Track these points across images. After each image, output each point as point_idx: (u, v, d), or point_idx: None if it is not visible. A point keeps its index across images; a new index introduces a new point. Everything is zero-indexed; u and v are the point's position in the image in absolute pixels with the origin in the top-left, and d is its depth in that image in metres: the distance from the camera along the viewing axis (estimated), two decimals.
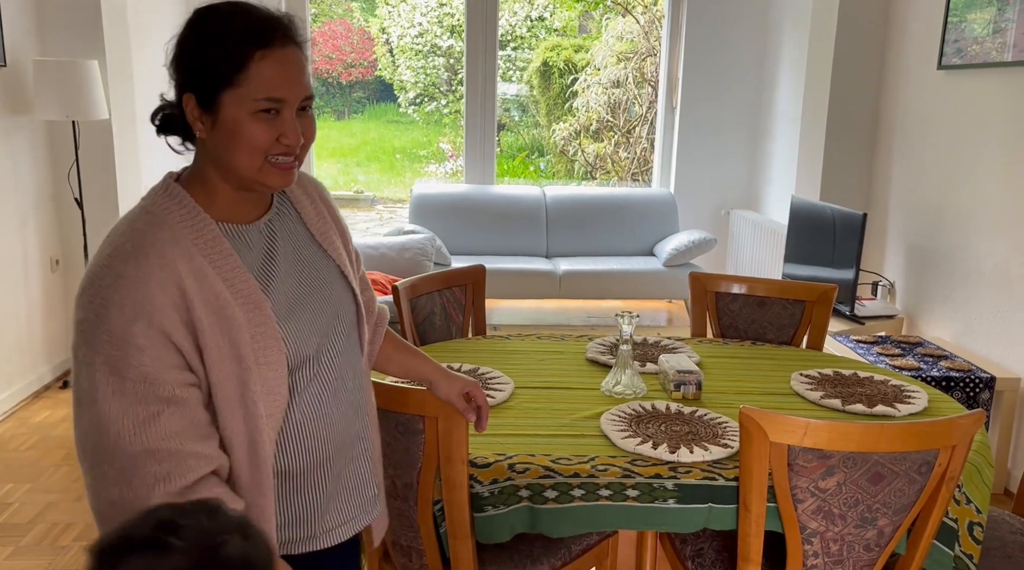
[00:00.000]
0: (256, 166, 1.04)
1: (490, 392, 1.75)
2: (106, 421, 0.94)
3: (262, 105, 1.01)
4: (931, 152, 3.40)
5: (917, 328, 3.46)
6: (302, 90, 1.04)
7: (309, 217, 1.18)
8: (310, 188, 1.22)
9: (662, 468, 1.45)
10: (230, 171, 1.04)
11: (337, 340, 1.15)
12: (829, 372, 1.95)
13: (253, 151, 1.02)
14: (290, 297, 1.09)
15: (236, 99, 1.01)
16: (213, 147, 1.04)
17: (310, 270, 1.14)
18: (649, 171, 6.54)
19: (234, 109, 1.01)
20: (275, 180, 1.06)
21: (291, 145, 1.04)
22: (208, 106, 1.02)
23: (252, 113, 1.01)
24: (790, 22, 4.66)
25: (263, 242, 1.10)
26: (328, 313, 1.14)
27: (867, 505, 1.36)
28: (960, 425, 1.32)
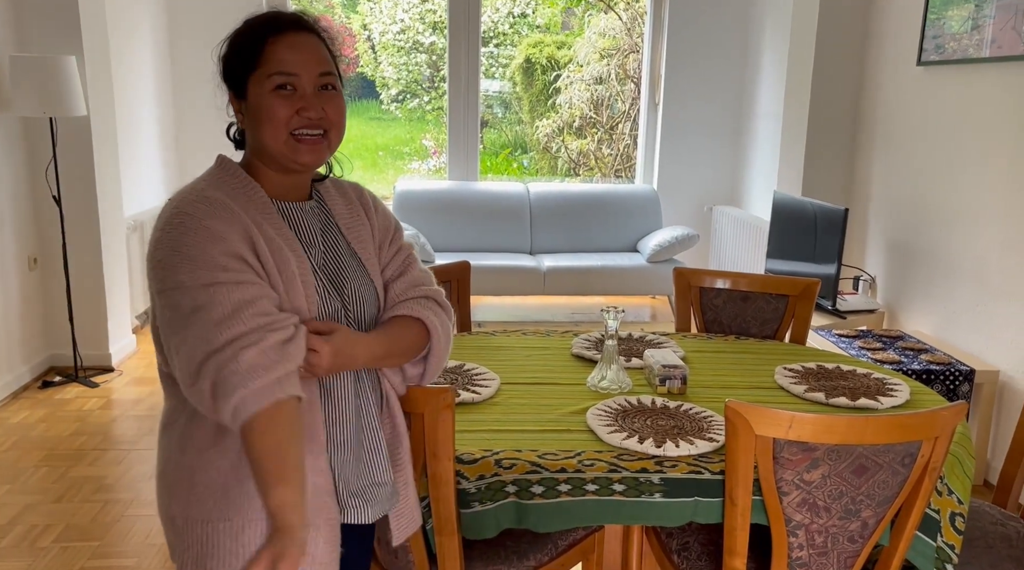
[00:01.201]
0: (282, 139, 1.14)
1: (476, 388, 1.74)
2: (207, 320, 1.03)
3: (276, 80, 1.13)
4: (911, 148, 3.44)
5: (898, 322, 3.49)
6: (317, 65, 1.15)
7: (341, 215, 1.27)
8: (349, 190, 1.32)
9: (648, 462, 1.45)
10: (264, 151, 1.16)
11: (359, 321, 1.23)
12: (813, 366, 1.96)
13: (276, 125, 1.13)
14: (328, 267, 1.22)
15: (257, 80, 1.14)
16: (250, 132, 1.18)
17: (336, 260, 1.24)
18: (632, 167, 6.57)
19: (256, 89, 1.14)
20: (304, 155, 1.15)
21: (312, 117, 1.14)
22: (240, 94, 1.16)
23: (271, 90, 1.13)
24: (772, 18, 4.69)
25: (304, 220, 1.22)
26: (346, 301, 1.22)
27: (851, 497, 1.37)
28: (942, 417, 1.34)
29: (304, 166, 1.17)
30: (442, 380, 1.79)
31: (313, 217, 1.24)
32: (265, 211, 1.16)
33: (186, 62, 4.65)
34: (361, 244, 1.28)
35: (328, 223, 1.27)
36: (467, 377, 1.81)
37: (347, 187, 1.33)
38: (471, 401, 1.69)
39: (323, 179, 1.31)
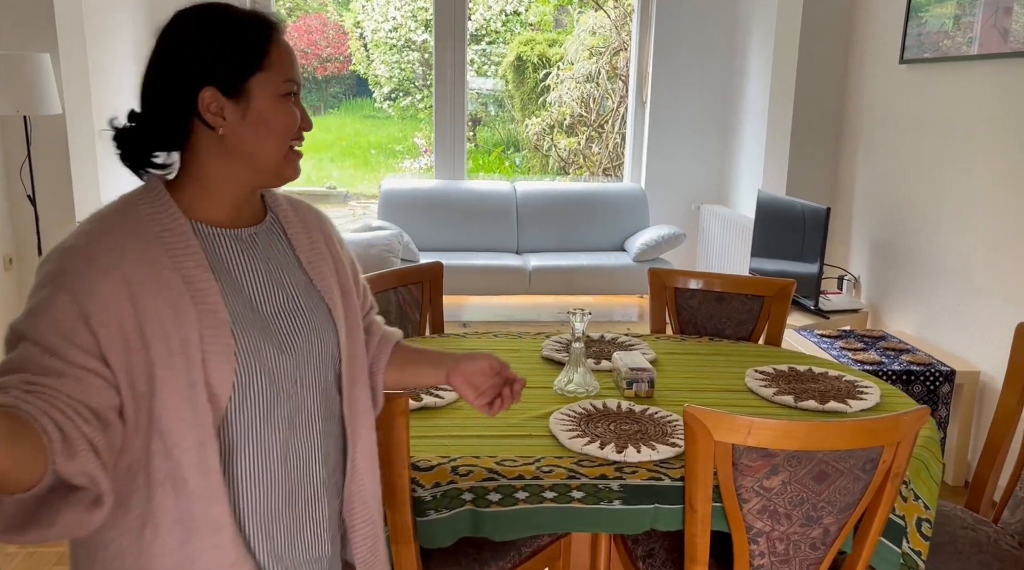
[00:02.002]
0: (283, 153, 1.04)
1: (438, 393, 1.72)
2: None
3: (286, 88, 1.02)
4: (894, 146, 3.41)
5: (881, 322, 3.47)
6: (300, 75, 1.07)
7: (299, 244, 1.13)
8: (310, 218, 1.18)
9: (608, 468, 1.43)
10: (254, 163, 1.03)
11: (306, 373, 1.07)
12: (784, 368, 1.94)
13: (283, 136, 1.03)
14: (255, 313, 1.03)
15: (265, 83, 1.01)
16: (239, 139, 1.01)
17: (289, 295, 1.08)
18: (621, 166, 6.54)
19: (265, 94, 1.01)
20: (293, 169, 1.06)
21: (306, 128, 1.06)
22: (235, 95, 1.00)
23: (280, 97, 1.02)
24: (758, 16, 4.66)
25: (239, 249, 1.05)
26: (299, 343, 1.06)
27: (812, 504, 1.34)
28: (904, 422, 1.31)
29: (284, 182, 1.07)
30: None
31: (252, 248, 1.07)
32: (179, 243, 0.98)
33: None
34: (320, 276, 1.12)
35: (282, 253, 1.11)
36: None
37: (304, 209, 1.18)
38: (433, 406, 1.66)
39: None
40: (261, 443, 1.02)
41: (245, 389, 1.00)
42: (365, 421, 1.17)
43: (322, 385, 1.09)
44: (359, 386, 1.17)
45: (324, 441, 1.10)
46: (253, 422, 1.02)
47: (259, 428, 1.02)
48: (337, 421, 1.14)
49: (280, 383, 1.03)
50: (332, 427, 1.12)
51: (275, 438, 1.03)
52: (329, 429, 1.11)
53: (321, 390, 1.09)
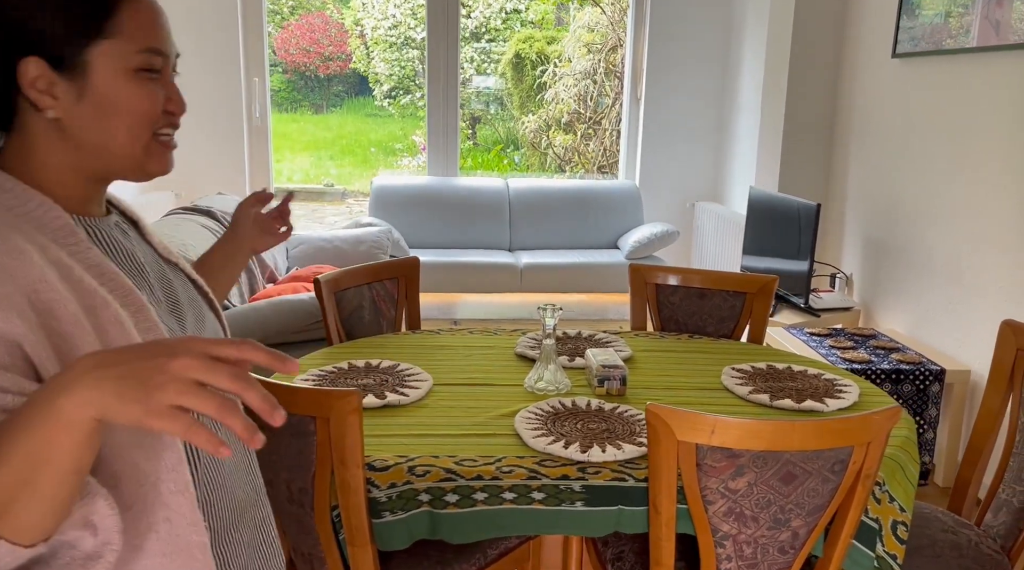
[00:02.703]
0: (142, 143, 0.83)
1: (404, 390, 1.67)
2: None
3: (142, 60, 0.81)
4: (886, 142, 3.36)
5: (873, 320, 3.42)
6: (173, 44, 0.86)
7: (149, 231, 0.96)
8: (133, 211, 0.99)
9: (570, 469, 1.38)
10: (102, 154, 0.82)
11: None
12: (762, 366, 1.89)
13: (139, 122, 0.82)
14: (161, 306, 0.87)
15: (109, 54, 0.79)
16: (77, 125, 0.80)
17: (178, 288, 0.93)
18: (617, 163, 6.49)
19: (108, 69, 0.79)
20: (160, 163, 0.86)
21: (177, 112, 0.86)
22: (69, 69, 0.78)
23: (132, 71, 0.80)
24: (752, 11, 4.61)
25: (115, 239, 0.87)
26: (199, 331, 0.93)
27: (780, 506, 1.29)
28: (874, 421, 1.26)
29: (149, 177, 0.86)
30: (371, 381, 1.72)
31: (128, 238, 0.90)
32: (66, 238, 0.78)
33: None
34: (184, 265, 0.98)
35: (138, 242, 0.93)
36: (398, 378, 1.74)
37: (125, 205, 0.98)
38: (397, 404, 1.62)
39: None
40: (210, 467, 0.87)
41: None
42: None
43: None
44: None
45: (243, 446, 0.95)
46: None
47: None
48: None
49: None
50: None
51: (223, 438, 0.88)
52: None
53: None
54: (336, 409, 1.29)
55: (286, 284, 3.38)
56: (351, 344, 2.01)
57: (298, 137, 12.10)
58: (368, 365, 1.82)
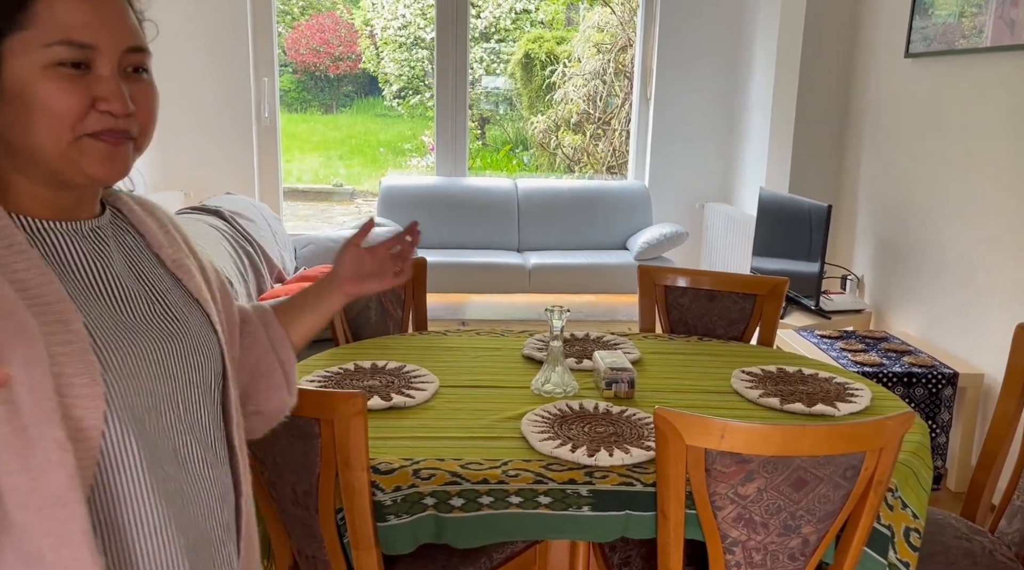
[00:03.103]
0: (64, 142, 0.75)
1: (410, 392, 1.66)
2: None
3: (58, 53, 0.73)
4: (898, 143, 3.32)
5: (885, 323, 3.38)
6: (124, 36, 0.77)
7: (157, 240, 0.90)
8: (160, 214, 0.95)
9: (577, 473, 1.36)
10: (29, 157, 0.76)
11: (190, 393, 0.86)
12: (772, 369, 1.86)
13: (57, 122, 0.74)
14: (118, 323, 0.80)
15: (22, 47, 0.73)
16: (4, 127, 0.76)
17: (159, 299, 0.86)
18: (626, 164, 6.47)
19: (21, 62, 0.73)
20: (98, 166, 0.77)
21: (114, 112, 0.76)
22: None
23: (46, 66, 0.74)
24: (763, 11, 4.58)
25: (85, 244, 0.82)
26: (176, 356, 0.85)
27: (790, 512, 1.27)
28: (887, 426, 1.24)
29: (94, 182, 0.79)
30: (377, 383, 1.71)
31: (100, 243, 0.84)
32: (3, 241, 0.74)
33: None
34: (188, 276, 0.91)
35: (135, 250, 0.88)
36: (404, 380, 1.73)
37: (151, 206, 0.95)
38: (402, 405, 1.61)
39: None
40: (149, 488, 0.79)
41: (121, 419, 0.77)
42: (245, 448, 0.97)
43: (208, 405, 0.89)
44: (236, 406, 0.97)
45: (215, 474, 0.88)
46: (135, 462, 0.78)
47: (144, 468, 0.79)
48: (224, 447, 0.92)
49: (162, 407, 0.82)
50: (221, 455, 0.91)
51: (165, 479, 0.81)
52: (219, 457, 0.90)
53: (208, 412, 0.89)
54: (340, 411, 1.27)
55: (294, 284, 3.38)
56: (357, 345, 2.00)
57: (308, 137, 12.13)
58: (374, 366, 1.81)
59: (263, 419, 1.07)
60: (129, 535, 0.78)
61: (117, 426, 0.76)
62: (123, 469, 0.77)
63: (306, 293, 1.13)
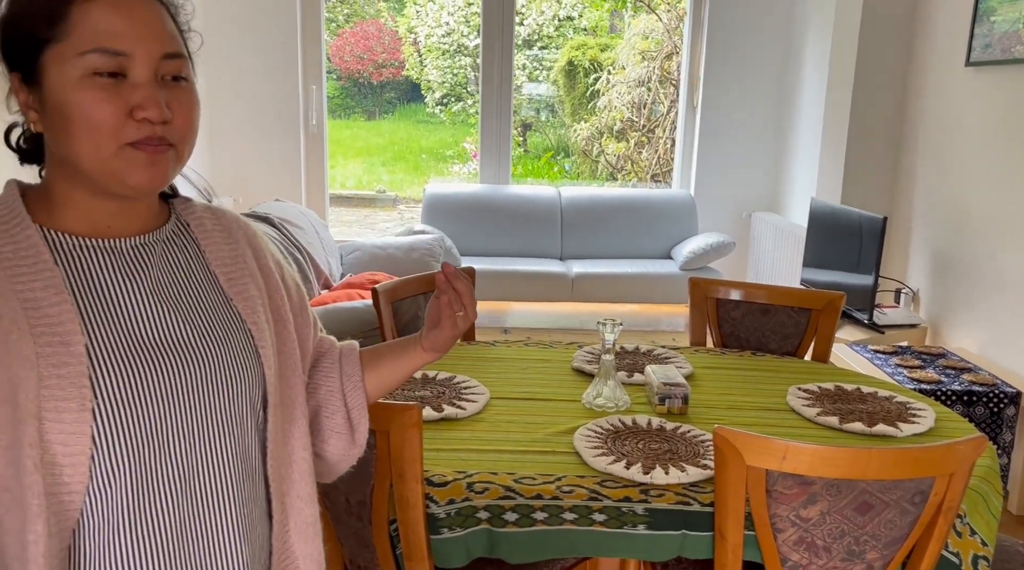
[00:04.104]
0: (105, 153, 0.75)
1: (461, 403, 1.65)
2: None
3: (93, 61, 0.74)
4: (958, 153, 3.23)
5: (941, 338, 3.29)
6: (159, 43, 0.76)
7: (217, 256, 0.89)
8: (235, 229, 0.93)
9: (633, 490, 1.34)
10: (76, 169, 0.77)
11: (212, 422, 0.82)
12: (830, 386, 1.82)
13: (96, 131, 0.74)
14: (128, 346, 0.78)
15: (59, 59, 0.74)
16: (50, 139, 0.78)
17: (192, 320, 0.84)
18: (670, 172, 6.42)
19: (59, 74, 0.74)
20: (138, 175, 0.77)
21: (151, 118, 0.75)
22: (31, 77, 0.76)
23: (82, 77, 0.74)
24: (815, 18, 4.50)
25: (115, 263, 0.81)
26: (197, 382, 0.81)
27: (854, 537, 1.24)
28: (959, 451, 1.20)
29: (136, 191, 0.79)
30: (428, 394, 1.71)
31: (141, 260, 0.83)
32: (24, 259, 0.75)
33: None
34: (242, 295, 0.88)
35: (188, 267, 0.87)
36: (455, 391, 1.72)
37: (229, 219, 0.93)
38: (454, 417, 1.60)
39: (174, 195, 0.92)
40: (139, 522, 0.77)
41: (109, 447, 0.75)
42: (302, 486, 0.93)
43: (234, 437, 0.84)
44: (294, 440, 0.92)
45: (242, 513, 0.85)
46: (120, 490, 0.76)
47: (135, 500, 0.77)
48: (261, 480, 0.89)
49: (169, 435, 0.79)
50: (256, 492, 0.87)
51: (161, 513, 0.79)
52: (250, 496, 0.86)
53: (236, 441, 0.85)
54: (396, 423, 1.27)
55: (340, 290, 3.41)
56: None
57: (351, 143, 12.27)
58: (425, 377, 1.81)
59: (325, 465, 1.03)
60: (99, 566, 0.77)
61: (105, 452, 0.75)
62: (105, 498, 0.76)
63: (394, 342, 1.08)
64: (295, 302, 0.97)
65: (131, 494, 0.77)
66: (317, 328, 1.04)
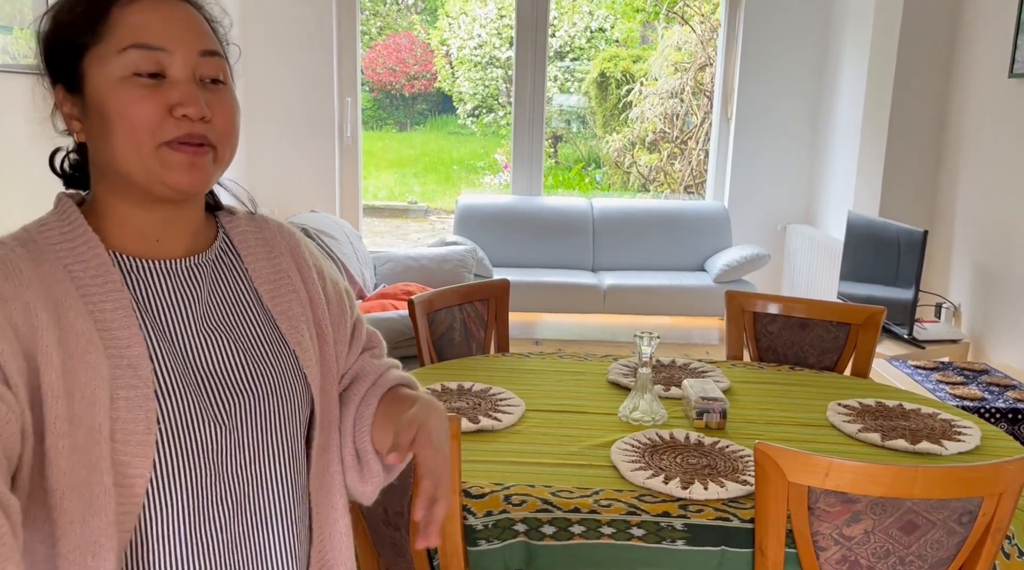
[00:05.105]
0: (145, 152, 0.75)
1: (497, 415, 1.66)
2: None
3: (132, 58, 0.74)
4: (1001, 166, 3.17)
5: (984, 354, 3.21)
6: (196, 40, 0.77)
7: (260, 273, 0.89)
8: (278, 241, 0.92)
9: (671, 505, 1.33)
10: (117, 173, 0.77)
11: (263, 444, 0.84)
12: (871, 402, 1.79)
13: (133, 132, 0.74)
14: (189, 370, 0.80)
15: (99, 61, 0.75)
16: (92, 147, 0.78)
17: (241, 343, 0.84)
18: (703, 184, 6.38)
19: (99, 75, 0.75)
20: (178, 176, 0.76)
21: (190, 115, 0.75)
22: (73, 85, 0.76)
23: (123, 77, 0.74)
24: (852, 29, 4.45)
25: (172, 286, 0.82)
26: (247, 407, 0.83)
27: (899, 557, 1.21)
28: (1008, 470, 1.17)
29: (176, 192, 0.78)
30: (464, 405, 1.71)
31: (195, 282, 0.84)
32: (95, 279, 0.76)
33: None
34: (285, 313, 0.88)
35: (235, 286, 0.87)
36: (491, 402, 1.73)
37: (272, 229, 0.93)
38: (490, 428, 1.61)
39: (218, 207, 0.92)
40: (193, 543, 0.79)
41: (170, 470, 0.77)
42: (338, 498, 0.93)
43: (285, 457, 0.86)
44: (331, 452, 0.93)
45: (291, 531, 0.87)
46: (181, 515, 0.78)
47: (190, 522, 0.79)
48: (306, 501, 0.91)
49: (223, 458, 0.81)
50: (303, 510, 0.90)
51: (214, 533, 0.81)
52: (300, 514, 0.89)
53: (284, 464, 0.86)
54: None
55: (374, 301, 3.44)
56: (443, 365, 2.01)
57: (383, 154, 12.39)
58: (460, 387, 1.81)
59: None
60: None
61: (166, 475, 0.77)
62: (164, 517, 0.77)
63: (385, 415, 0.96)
64: (334, 314, 0.96)
65: (186, 516, 0.79)
66: (358, 342, 1.01)
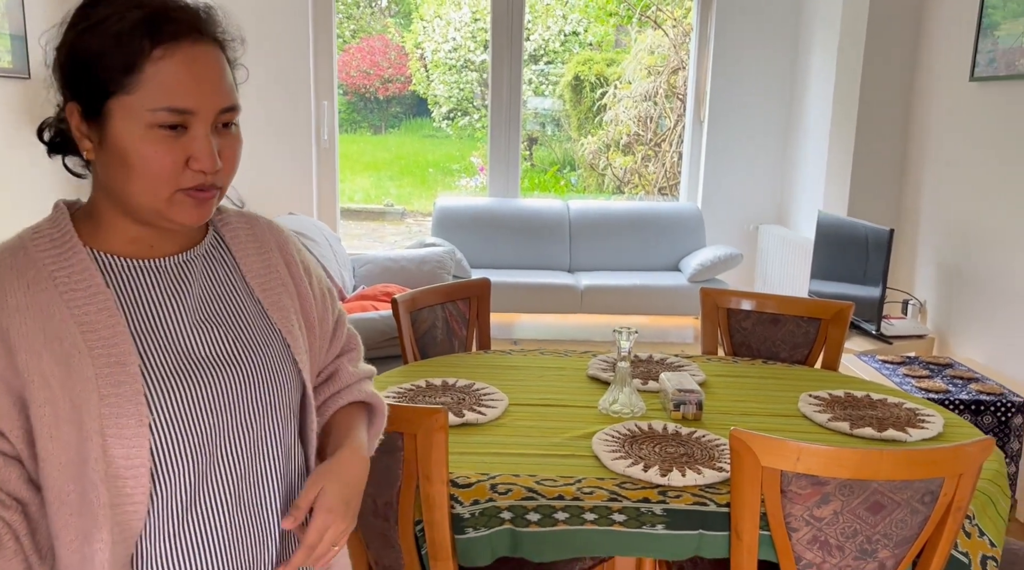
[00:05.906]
0: (162, 198, 0.81)
1: (481, 409, 1.70)
2: None
3: (161, 118, 0.79)
4: (963, 166, 3.28)
5: (948, 349, 3.32)
6: (220, 99, 0.82)
7: (250, 267, 0.94)
8: (267, 237, 0.98)
9: (651, 492, 1.39)
10: (127, 204, 0.83)
11: (259, 426, 0.88)
12: (840, 393, 1.86)
13: (153, 179, 0.80)
14: (182, 362, 0.84)
15: (126, 109, 0.79)
16: (103, 172, 0.83)
17: (232, 334, 0.89)
18: (677, 185, 6.48)
19: (124, 123, 0.79)
20: (185, 215, 0.83)
21: (205, 170, 0.81)
22: (94, 117, 0.81)
23: (148, 128, 0.79)
24: (820, 34, 4.57)
25: (162, 282, 0.87)
26: (242, 392, 0.87)
27: (866, 536, 1.28)
28: (967, 453, 1.24)
29: (181, 228, 0.86)
30: (448, 399, 1.76)
31: (184, 277, 0.88)
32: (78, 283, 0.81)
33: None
34: (276, 305, 0.93)
35: (226, 280, 0.92)
36: (475, 397, 1.77)
37: (262, 226, 0.98)
38: (475, 422, 1.65)
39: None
40: (191, 532, 0.84)
41: (165, 463, 0.82)
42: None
43: (282, 441, 0.92)
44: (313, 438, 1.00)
45: (282, 512, 0.92)
46: (179, 500, 0.83)
47: (187, 507, 0.84)
48: (301, 480, 0.96)
49: (220, 442, 0.85)
50: (292, 491, 0.95)
51: (212, 522, 0.85)
52: (287, 495, 0.94)
53: (278, 449, 0.91)
54: (424, 426, 1.32)
55: (354, 302, 3.47)
56: (426, 363, 2.06)
57: (358, 157, 12.38)
58: (445, 384, 1.86)
59: None
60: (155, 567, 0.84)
61: (162, 465, 0.82)
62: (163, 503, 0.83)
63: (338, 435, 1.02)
64: (319, 309, 1.02)
65: (186, 499, 0.84)
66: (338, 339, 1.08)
